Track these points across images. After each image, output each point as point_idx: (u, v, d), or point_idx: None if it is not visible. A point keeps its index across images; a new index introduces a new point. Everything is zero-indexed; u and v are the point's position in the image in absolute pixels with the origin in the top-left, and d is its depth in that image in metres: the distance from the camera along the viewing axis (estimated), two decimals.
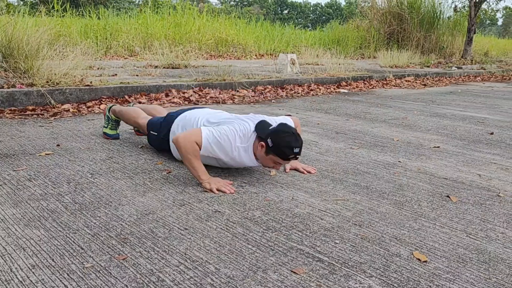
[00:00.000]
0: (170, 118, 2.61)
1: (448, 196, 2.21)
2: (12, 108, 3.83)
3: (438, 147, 3.24)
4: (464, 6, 15.76)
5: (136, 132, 3.19)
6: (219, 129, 2.24)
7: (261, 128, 2.25)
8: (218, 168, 2.50)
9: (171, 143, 2.54)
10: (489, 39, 19.10)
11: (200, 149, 2.20)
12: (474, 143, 3.40)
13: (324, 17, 70.12)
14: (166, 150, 2.68)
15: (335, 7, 73.35)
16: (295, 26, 16.22)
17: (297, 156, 2.21)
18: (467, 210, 2.03)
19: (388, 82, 7.78)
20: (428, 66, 10.89)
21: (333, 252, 1.59)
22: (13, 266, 1.42)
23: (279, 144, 2.15)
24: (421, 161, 2.83)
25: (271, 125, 2.26)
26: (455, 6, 15.48)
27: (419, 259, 1.56)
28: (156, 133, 2.68)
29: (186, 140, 2.16)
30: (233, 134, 2.23)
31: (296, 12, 73.68)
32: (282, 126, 2.24)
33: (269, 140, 2.18)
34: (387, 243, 1.68)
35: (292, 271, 1.45)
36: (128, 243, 1.59)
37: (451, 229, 1.83)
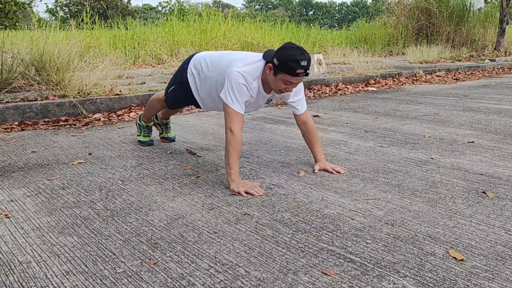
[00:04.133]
0: (182, 64, 2.68)
1: (484, 192, 2.13)
2: (46, 120, 3.94)
3: (473, 142, 3.14)
4: None
5: (162, 139, 3.23)
6: (230, 81, 2.25)
7: (268, 54, 2.27)
8: (246, 169, 2.50)
9: (189, 77, 2.58)
10: None
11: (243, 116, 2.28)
12: (511, 137, 3.28)
13: (350, 16, 69.46)
14: (190, 102, 2.72)
15: (361, 5, 72.53)
16: (320, 27, 16.11)
17: (307, 71, 2.18)
18: (505, 206, 1.96)
19: (418, 78, 7.62)
20: (459, 60, 10.61)
21: (365, 253, 1.56)
22: (48, 272, 1.45)
23: (285, 60, 2.13)
24: (454, 157, 2.75)
25: None
26: None
27: (455, 258, 1.51)
28: (173, 86, 2.72)
29: (232, 133, 2.21)
30: (242, 76, 2.24)
31: (321, 13, 73.26)
32: (287, 43, 2.23)
33: (275, 60, 2.17)
34: (421, 242, 1.63)
35: (323, 273, 1.43)
36: (158, 248, 1.61)
37: (489, 226, 1.76)
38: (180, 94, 2.69)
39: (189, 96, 2.64)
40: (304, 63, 2.13)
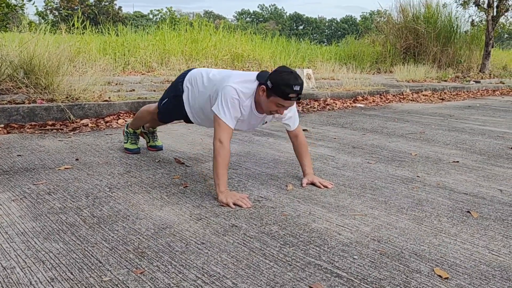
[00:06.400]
0: (177, 78, 2.70)
1: (468, 212, 2.16)
2: (33, 123, 3.90)
3: (457, 161, 3.19)
4: (481, 20, 15.64)
5: (149, 147, 3.21)
6: (224, 95, 2.27)
7: (262, 76, 2.30)
8: (234, 181, 2.50)
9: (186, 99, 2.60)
10: (507, 53, 18.86)
11: (232, 130, 2.29)
12: (494, 158, 3.34)
13: (339, 32, 70.29)
14: (182, 115, 2.71)
15: (351, 23, 73.53)
16: (310, 42, 16.26)
17: (299, 96, 2.21)
18: (489, 226, 1.99)
19: (405, 96, 7.73)
20: (445, 81, 10.80)
21: (352, 268, 1.57)
22: (33, 279, 1.43)
23: (278, 84, 2.17)
24: (440, 176, 2.79)
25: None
26: (472, 21, 15.35)
27: (440, 276, 1.53)
28: (166, 99, 2.73)
29: (221, 144, 2.22)
30: (235, 92, 2.27)
31: (311, 28, 74.03)
32: (281, 67, 2.28)
33: (268, 82, 2.21)
34: (407, 259, 1.65)
35: (310, 287, 1.43)
36: (145, 257, 1.59)
37: (473, 245, 1.79)
38: (173, 108, 2.70)
39: (181, 110, 2.65)
40: (297, 88, 2.17)
